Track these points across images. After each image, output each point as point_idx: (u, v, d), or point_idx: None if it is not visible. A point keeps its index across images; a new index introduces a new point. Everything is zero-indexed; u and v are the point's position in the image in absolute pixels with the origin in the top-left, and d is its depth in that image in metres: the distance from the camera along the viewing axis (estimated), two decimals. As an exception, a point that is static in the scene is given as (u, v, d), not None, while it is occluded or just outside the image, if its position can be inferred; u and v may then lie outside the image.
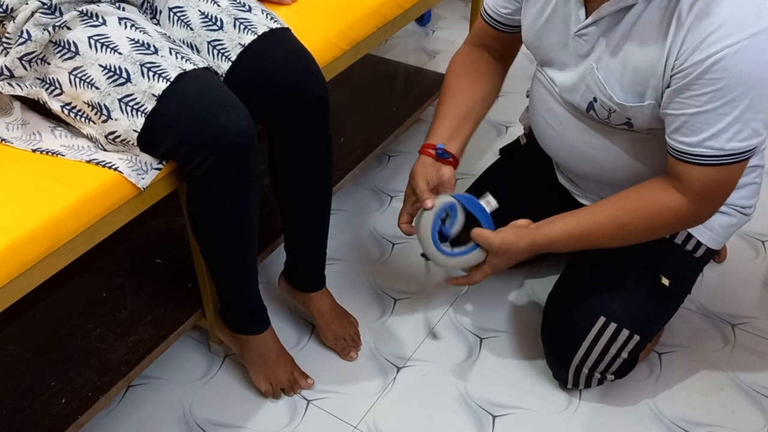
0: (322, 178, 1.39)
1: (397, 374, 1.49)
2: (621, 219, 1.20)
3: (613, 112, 1.19)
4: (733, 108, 1.05)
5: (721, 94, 1.04)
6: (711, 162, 1.10)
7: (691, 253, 1.34)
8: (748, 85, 1.03)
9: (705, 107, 1.06)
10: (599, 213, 1.22)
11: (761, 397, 1.42)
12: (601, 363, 1.34)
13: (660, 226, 1.20)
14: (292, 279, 1.53)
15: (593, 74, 1.18)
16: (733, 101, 1.04)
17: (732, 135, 1.07)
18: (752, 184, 1.35)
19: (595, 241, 1.24)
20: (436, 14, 2.86)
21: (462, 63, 1.46)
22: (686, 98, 1.08)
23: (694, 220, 1.22)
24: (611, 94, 1.17)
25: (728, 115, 1.05)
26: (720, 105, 1.05)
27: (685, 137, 1.10)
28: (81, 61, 1.09)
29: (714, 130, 1.07)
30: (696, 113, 1.07)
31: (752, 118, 1.06)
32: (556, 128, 1.34)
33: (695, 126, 1.08)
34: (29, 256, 0.99)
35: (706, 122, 1.07)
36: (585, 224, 1.22)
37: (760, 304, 1.62)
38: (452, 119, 1.39)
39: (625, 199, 1.21)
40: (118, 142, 1.11)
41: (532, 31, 1.29)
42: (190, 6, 1.23)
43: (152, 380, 1.49)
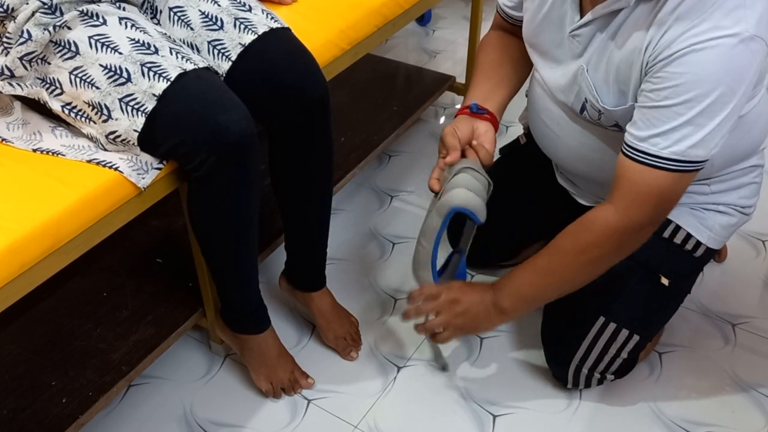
0: (322, 177, 1.39)
1: (397, 374, 1.49)
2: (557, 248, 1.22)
3: (602, 114, 1.19)
4: (688, 108, 1.04)
5: (679, 90, 1.04)
6: (652, 162, 1.09)
7: (690, 253, 1.34)
8: (709, 87, 1.02)
9: (662, 102, 1.06)
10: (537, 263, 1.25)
11: (761, 397, 1.42)
12: (601, 363, 1.34)
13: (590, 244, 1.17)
14: (292, 279, 1.53)
15: (584, 75, 1.19)
16: (690, 101, 1.03)
17: (680, 137, 1.06)
18: (752, 183, 1.35)
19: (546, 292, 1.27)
20: (436, 14, 2.86)
21: (492, 40, 1.47)
22: (649, 92, 1.08)
23: (624, 235, 1.16)
24: (598, 97, 1.18)
25: (682, 116, 1.05)
26: (677, 103, 1.04)
27: (636, 130, 1.10)
28: (81, 61, 1.09)
29: (665, 127, 1.06)
30: (653, 107, 1.07)
31: (704, 124, 1.05)
32: (554, 129, 1.34)
33: (648, 120, 1.08)
34: (30, 255, 1.00)
35: (660, 118, 1.07)
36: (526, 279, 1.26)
37: (761, 304, 1.62)
38: (486, 84, 1.39)
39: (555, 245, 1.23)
40: (119, 141, 1.11)
41: (531, 28, 1.30)
42: (190, 6, 1.23)
43: (153, 380, 1.49)
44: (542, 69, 1.32)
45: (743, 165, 1.31)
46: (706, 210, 1.33)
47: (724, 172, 1.30)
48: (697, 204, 1.33)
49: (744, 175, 1.32)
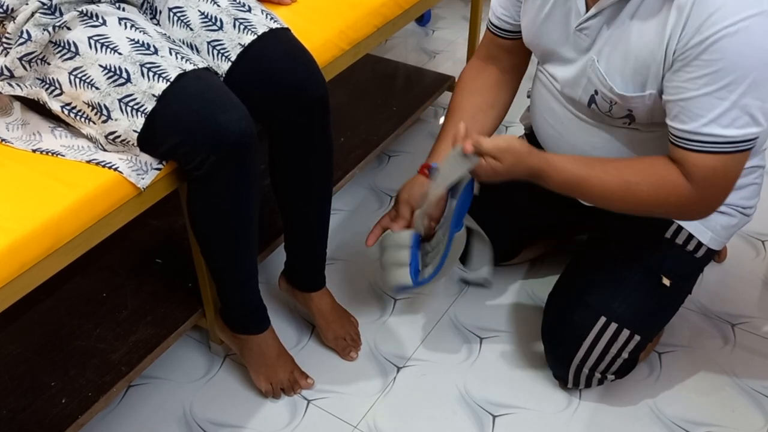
0: (322, 178, 1.39)
1: (397, 374, 1.49)
2: (629, 177, 1.17)
3: (614, 104, 1.19)
4: (730, 92, 1.04)
5: (718, 76, 1.03)
6: (709, 149, 1.09)
7: (691, 254, 1.34)
8: (746, 69, 1.02)
9: (702, 90, 1.05)
10: (609, 164, 1.19)
11: (761, 397, 1.42)
12: (602, 363, 1.34)
13: (663, 199, 1.16)
14: (292, 279, 1.53)
15: (594, 66, 1.18)
16: (730, 85, 1.03)
17: (730, 121, 1.06)
18: (753, 184, 1.35)
19: (597, 192, 1.19)
20: (436, 14, 2.86)
21: (467, 80, 1.46)
22: (684, 81, 1.07)
23: (695, 208, 1.18)
24: (611, 86, 1.17)
25: (725, 100, 1.04)
26: (717, 89, 1.04)
27: (682, 124, 1.10)
28: (81, 62, 1.09)
29: (711, 115, 1.06)
30: (693, 97, 1.07)
31: (750, 104, 1.05)
32: (557, 128, 1.34)
33: (692, 111, 1.08)
34: (30, 255, 1.00)
35: (703, 107, 1.06)
36: (592, 170, 1.18)
37: (760, 304, 1.62)
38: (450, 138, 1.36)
39: (635, 162, 1.19)
40: (118, 142, 1.11)
41: (532, 29, 1.29)
42: (189, 6, 1.23)
43: (152, 380, 1.49)
44: (548, 67, 1.32)
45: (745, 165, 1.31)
46: (706, 210, 1.33)
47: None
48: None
49: (745, 176, 1.32)
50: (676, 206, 1.17)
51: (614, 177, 1.17)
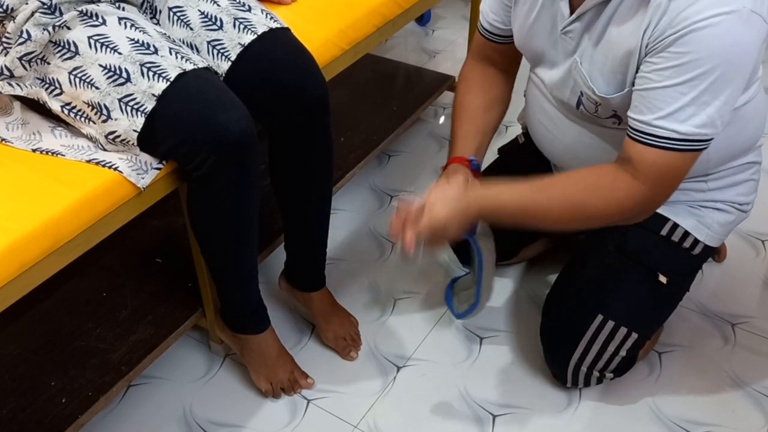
0: (322, 177, 1.39)
1: (397, 374, 1.49)
2: (576, 197, 1.16)
3: (599, 105, 1.19)
4: (692, 87, 1.04)
5: (682, 69, 1.03)
6: (661, 144, 1.09)
7: (688, 251, 1.34)
8: (712, 65, 1.02)
9: (665, 82, 1.05)
10: (553, 189, 1.18)
11: (761, 397, 1.42)
12: (600, 361, 1.34)
13: (613, 209, 1.15)
14: (292, 279, 1.53)
15: (577, 68, 1.19)
16: (693, 80, 1.03)
17: (686, 117, 1.06)
18: (750, 180, 1.35)
19: (546, 218, 1.19)
20: (435, 14, 2.86)
21: (469, 78, 1.46)
22: (649, 72, 1.07)
23: (645, 208, 1.17)
24: (593, 88, 1.17)
25: (686, 95, 1.04)
26: (680, 82, 1.04)
27: (640, 114, 1.10)
28: (81, 61, 1.09)
29: (669, 109, 1.06)
30: (655, 88, 1.07)
31: (708, 102, 1.05)
32: (551, 129, 1.35)
33: (651, 103, 1.08)
34: (29, 255, 1.00)
35: (663, 99, 1.06)
36: (538, 199, 1.18)
37: (760, 304, 1.62)
38: (473, 135, 1.38)
39: (580, 178, 1.18)
40: (118, 141, 1.11)
41: (522, 33, 1.30)
42: (189, 6, 1.23)
43: (152, 380, 1.49)
44: (538, 70, 1.32)
45: (740, 161, 1.31)
46: (703, 208, 1.33)
47: (721, 168, 1.30)
48: (694, 202, 1.33)
49: (741, 172, 1.33)
50: (629, 210, 1.16)
51: (561, 199, 1.17)
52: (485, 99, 1.43)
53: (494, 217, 1.21)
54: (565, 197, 1.17)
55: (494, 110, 1.43)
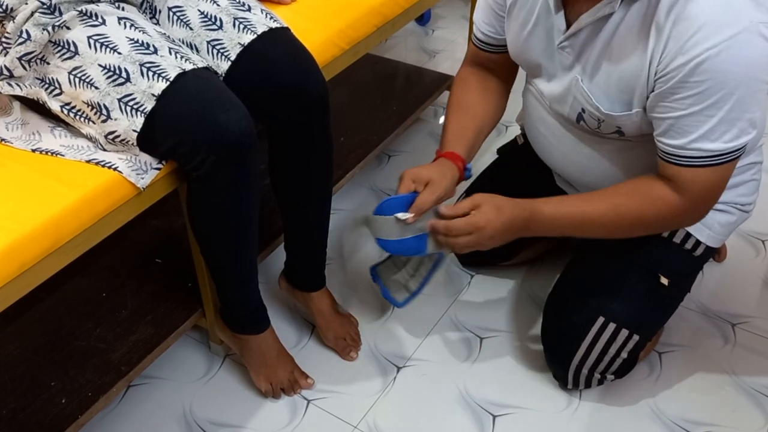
0: (322, 177, 1.39)
1: (397, 374, 1.49)
2: (618, 206, 1.19)
3: (602, 122, 1.19)
4: (718, 109, 1.05)
5: (705, 96, 1.04)
6: (700, 163, 1.11)
7: (690, 252, 1.34)
8: (732, 86, 1.03)
9: (690, 110, 1.06)
10: (595, 198, 1.21)
11: (761, 397, 1.42)
12: (601, 363, 1.34)
13: (653, 219, 1.19)
14: (292, 279, 1.53)
15: (578, 86, 1.19)
16: (717, 102, 1.04)
17: (719, 135, 1.07)
18: (751, 180, 1.35)
19: (589, 227, 1.21)
20: (435, 14, 2.86)
21: (468, 79, 1.45)
22: (671, 102, 1.08)
23: (688, 219, 1.22)
24: (598, 105, 1.18)
25: (714, 117, 1.06)
26: (705, 107, 1.05)
27: (672, 140, 1.11)
28: (80, 61, 1.09)
29: (701, 131, 1.07)
30: (682, 116, 1.08)
31: (738, 117, 1.06)
32: (549, 138, 1.35)
33: (682, 128, 1.09)
34: (29, 255, 0.99)
35: (692, 124, 1.08)
36: (580, 207, 1.20)
37: (761, 304, 1.62)
38: (472, 133, 1.37)
39: (622, 188, 1.20)
40: (118, 141, 1.11)
41: (517, 45, 1.29)
42: (189, 6, 1.23)
43: (152, 380, 1.49)
44: (536, 81, 1.32)
45: (741, 163, 1.31)
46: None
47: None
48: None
49: (742, 173, 1.33)
50: (670, 220, 1.19)
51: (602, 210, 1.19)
52: (485, 99, 1.42)
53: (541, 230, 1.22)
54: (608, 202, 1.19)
55: (494, 117, 1.43)
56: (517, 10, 1.26)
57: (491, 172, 1.67)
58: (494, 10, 1.33)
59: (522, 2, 1.25)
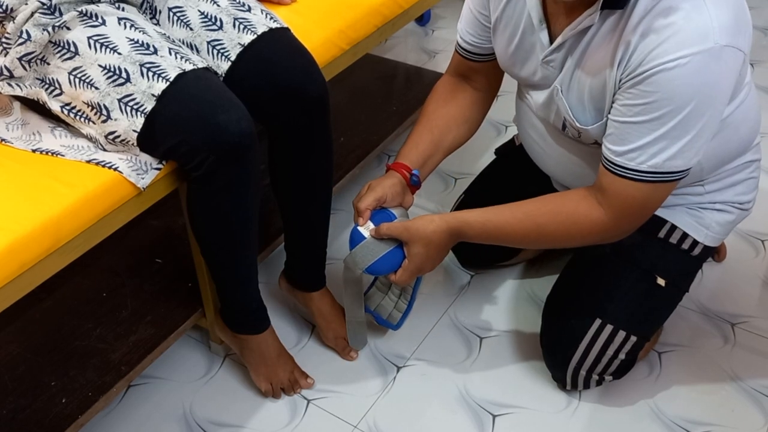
0: (322, 177, 1.39)
1: (397, 374, 1.49)
2: (537, 219, 1.21)
3: (581, 133, 1.20)
4: (661, 124, 1.05)
5: (651, 108, 1.04)
6: (633, 176, 1.10)
7: (687, 252, 1.34)
8: (680, 104, 1.03)
9: (635, 118, 1.07)
10: (518, 209, 1.23)
11: (761, 396, 1.42)
12: (599, 365, 1.34)
13: (575, 235, 1.21)
14: (292, 278, 1.53)
15: (559, 96, 1.20)
16: (662, 117, 1.04)
17: (656, 151, 1.07)
18: (749, 179, 1.35)
19: (510, 235, 1.24)
20: (435, 14, 2.86)
21: (441, 90, 1.45)
22: (621, 106, 1.08)
23: (609, 236, 1.21)
24: (574, 118, 1.19)
25: (655, 131, 1.05)
26: (649, 119, 1.05)
27: (613, 144, 1.11)
28: (80, 62, 1.09)
29: (640, 142, 1.07)
30: (626, 122, 1.08)
31: (679, 136, 1.05)
32: (541, 144, 1.36)
33: (623, 135, 1.09)
34: (29, 255, 1.00)
35: (633, 133, 1.08)
36: (502, 217, 1.23)
37: (760, 303, 1.62)
38: (427, 144, 1.38)
39: (546, 202, 1.22)
40: (118, 142, 1.11)
41: (506, 58, 1.30)
42: (189, 6, 1.23)
43: (152, 380, 1.49)
44: (525, 90, 1.32)
45: (737, 162, 1.31)
46: (702, 209, 1.33)
47: (717, 172, 1.30)
48: (693, 204, 1.33)
49: (739, 172, 1.33)
50: (591, 236, 1.20)
51: (524, 218, 1.22)
52: (452, 114, 1.41)
53: (464, 237, 1.25)
54: (527, 218, 1.21)
55: (459, 129, 1.42)
56: (502, 26, 1.27)
57: (489, 172, 1.67)
58: (479, 21, 1.34)
59: (507, 18, 1.25)
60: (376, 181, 1.33)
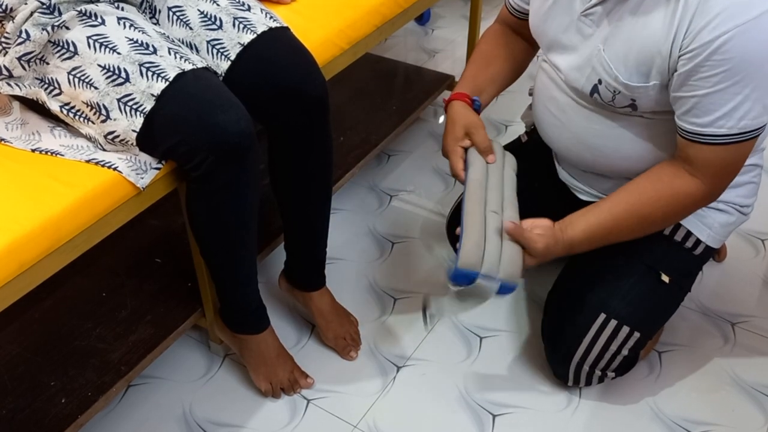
0: (321, 177, 1.39)
1: (397, 373, 1.49)
2: (640, 211, 1.22)
3: (618, 93, 1.20)
4: (743, 87, 1.07)
5: (730, 74, 1.06)
6: (722, 141, 1.12)
7: (690, 251, 1.35)
8: (757, 65, 1.05)
9: (715, 88, 1.08)
10: (616, 208, 1.22)
11: (761, 396, 1.42)
12: (602, 360, 1.34)
13: (678, 212, 1.23)
14: (292, 278, 1.53)
15: (599, 56, 1.19)
16: (742, 81, 1.06)
17: (743, 113, 1.09)
18: (750, 183, 1.35)
19: (618, 236, 1.24)
20: (435, 13, 2.86)
21: (494, 33, 1.51)
22: (696, 80, 1.09)
23: (708, 200, 1.23)
24: (617, 74, 1.18)
25: (739, 94, 1.07)
26: (730, 85, 1.07)
27: (697, 118, 1.12)
28: (80, 61, 1.09)
29: (725, 109, 1.09)
30: (707, 94, 1.09)
31: (762, 96, 1.08)
32: (560, 117, 1.34)
33: (706, 107, 1.10)
34: (29, 255, 0.99)
35: (717, 102, 1.09)
36: (605, 222, 1.23)
37: (760, 303, 1.62)
38: (482, 78, 1.43)
39: (641, 191, 1.22)
40: (117, 141, 1.11)
41: (539, 15, 1.31)
42: (189, 5, 1.23)
43: (152, 380, 1.49)
44: (551, 56, 1.32)
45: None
46: (706, 208, 1.33)
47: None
48: (697, 203, 1.33)
49: (743, 174, 1.33)
50: (693, 207, 1.23)
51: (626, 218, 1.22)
52: (506, 52, 1.47)
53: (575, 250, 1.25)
54: (630, 215, 1.22)
55: (511, 65, 1.47)
56: None
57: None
58: None
59: None
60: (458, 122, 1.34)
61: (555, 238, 1.23)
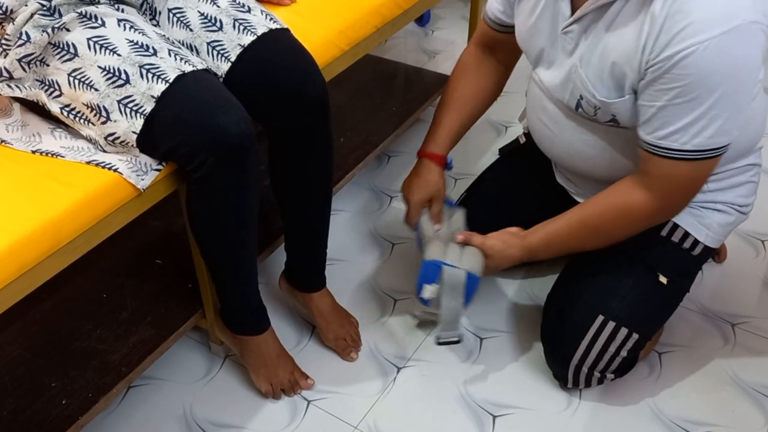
0: (322, 178, 1.39)
1: (397, 374, 1.49)
2: (591, 222, 1.25)
3: (598, 109, 1.21)
4: (698, 104, 1.07)
5: (687, 89, 1.06)
6: (677, 156, 1.12)
7: (688, 252, 1.35)
8: (714, 83, 1.05)
9: (673, 101, 1.08)
10: (572, 218, 1.27)
11: (761, 397, 1.42)
12: (601, 362, 1.34)
13: (628, 226, 1.24)
14: (292, 279, 1.53)
15: (577, 72, 1.20)
16: (698, 98, 1.06)
17: (697, 131, 1.09)
18: (749, 182, 1.35)
19: (574, 245, 1.30)
20: (435, 14, 2.86)
21: (466, 62, 1.52)
22: (656, 91, 1.10)
23: (661, 216, 1.25)
24: (594, 92, 1.19)
25: (694, 111, 1.07)
26: (686, 100, 1.07)
27: (653, 128, 1.13)
28: (80, 63, 1.09)
29: (680, 124, 1.09)
30: (664, 106, 1.10)
31: (718, 115, 1.08)
32: (551, 127, 1.35)
33: (663, 118, 1.11)
34: (29, 257, 1.00)
35: (673, 116, 1.09)
36: (561, 231, 1.28)
37: (760, 304, 1.62)
38: (457, 125, 1.48)
39: (595, 202, 1.26)
40: (118, 143, 1.11)
41: (524, 29, 1.31)
42: (189, 7, 1.23)
43: (153, 381, 1.49)
44: (538, 70, 1.33)
45: (740, 163, 1.31)
46: (704, 208, 1.34)
47: (721, 170, 1.30)
48: (694, 203, 1.33)
49: (740, 174, 1.33)
50: (645, 222, 1.24)
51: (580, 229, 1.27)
52: (476, 85, 1.49)
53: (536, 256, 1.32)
54: (583, 226, 1.26)
55: (482, 98, 1.50)
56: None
57: (492, 171, 1.67)
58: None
59: None
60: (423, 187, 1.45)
61: (513, 238, 1.30)
